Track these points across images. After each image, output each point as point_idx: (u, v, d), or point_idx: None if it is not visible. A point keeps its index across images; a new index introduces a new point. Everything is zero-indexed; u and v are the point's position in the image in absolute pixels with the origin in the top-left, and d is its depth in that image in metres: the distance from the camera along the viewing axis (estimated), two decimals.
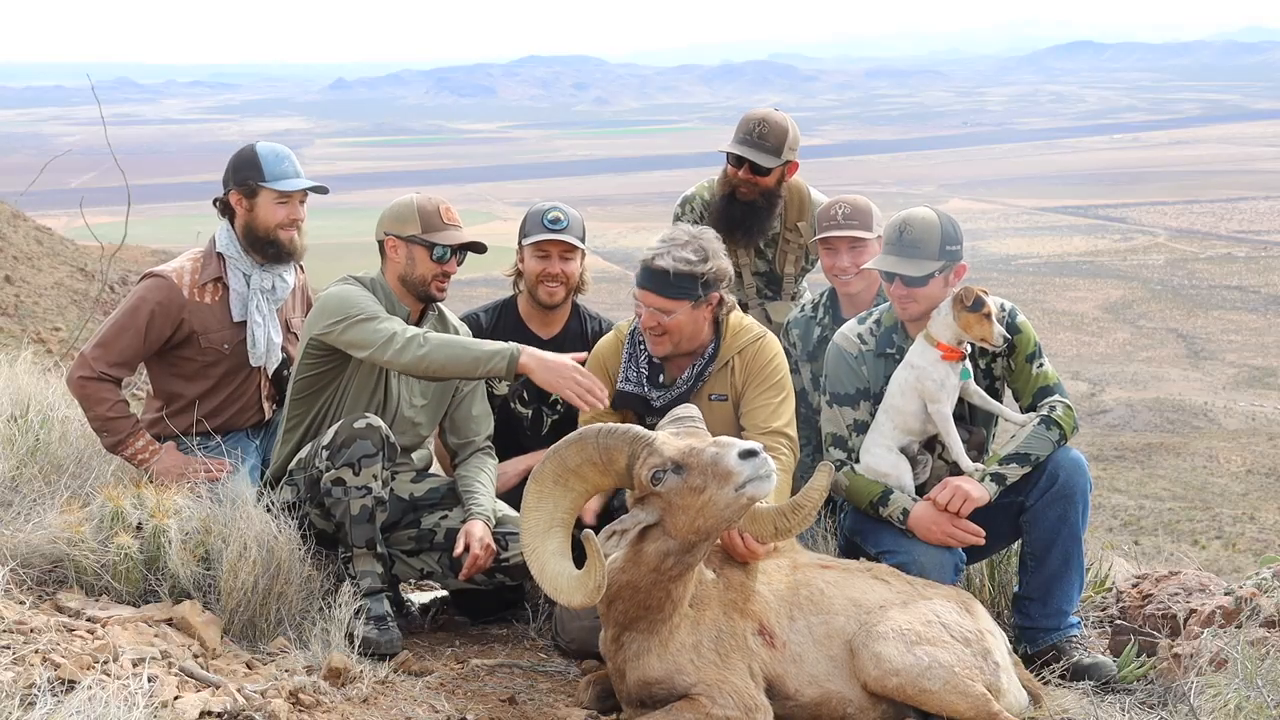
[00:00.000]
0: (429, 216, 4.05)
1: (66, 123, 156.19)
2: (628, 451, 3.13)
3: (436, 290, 4.08)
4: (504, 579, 4.10)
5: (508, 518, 4.11)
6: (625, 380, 4.08)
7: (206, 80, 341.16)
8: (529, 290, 4.56)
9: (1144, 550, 10.10)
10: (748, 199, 4.91)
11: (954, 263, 3.89)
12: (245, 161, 4.35)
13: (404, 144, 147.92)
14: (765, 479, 3.03)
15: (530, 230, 4.50)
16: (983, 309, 3.79)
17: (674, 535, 3.12)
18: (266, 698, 2.98)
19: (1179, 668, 3.61)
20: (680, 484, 3.08)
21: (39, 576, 3.51)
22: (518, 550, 3.98)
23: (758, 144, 4.85)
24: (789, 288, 5.17)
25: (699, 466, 3.07)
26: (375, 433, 3.79)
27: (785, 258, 5.13)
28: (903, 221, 3.89)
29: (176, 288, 4.27)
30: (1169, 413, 34.81)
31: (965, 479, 3.79)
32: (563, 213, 4.47)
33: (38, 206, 24.48)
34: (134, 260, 19.77)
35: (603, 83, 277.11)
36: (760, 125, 4.86)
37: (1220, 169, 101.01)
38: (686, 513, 3.08)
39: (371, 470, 3.78)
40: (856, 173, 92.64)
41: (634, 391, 4.05)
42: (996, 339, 3.81)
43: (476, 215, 63.35)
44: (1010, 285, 54.09)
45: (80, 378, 4.17)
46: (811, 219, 5.04)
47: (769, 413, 3.92)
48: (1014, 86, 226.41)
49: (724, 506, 3.06)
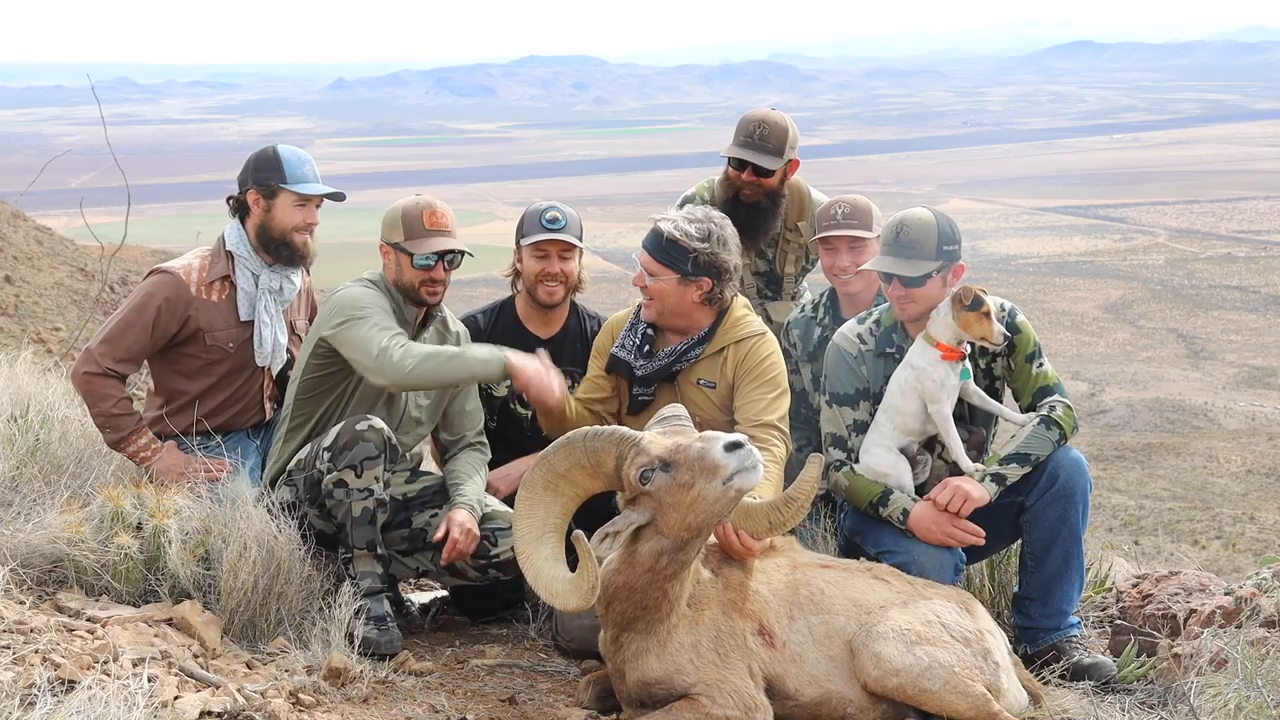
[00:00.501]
0: (412, 223, 4.05)
1: (66, 123, 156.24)
2: (615, 453, 3.14)
3: (427, 295, 4.09)
4: (497, 574, 4.10)
5: (496, 513, 4.12)
6: (620, 346, 4.13)
7: (206, 80, 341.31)
8: (528, 290, 4.56)
9: (1144, 550, 10.10)
10: (752, 200, 4.91)
11: (952, 263, 3.89)
12: (267, 162, 4.35)
13: (404, 144, 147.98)
14: (752, 470, 3.03)
15: (528, 230, 4.50)
16: (981, 307, 3.79)
17: (667, 534, 3.13)
18: (266, 698, 2.98)
19: (1179, 668, 3.61)
20: (669, 481, 3.09)
21: (39, 576, 3.51)
22: (507, 545, 4.01)
23: (759, 146, 4.84)
24: (789, 288, 5.17)
25: (686, 462, 3.07)
26: (378, 434, 3.79)
27: (785, 257, 5.13)
28: (899, 222, 3.89)
29: (184, 284, 4.26)
30: (1169, 413, 34.81)
31: (965, 479, 3.79)
32: (560, 212, 4.47)
33: (38, 206, 24.49)
34: (134, 260, 19.77)
35: (603, 83, 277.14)
36: (760, 127, 4.85)
37: (1220, 169, 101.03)
38: (677, 510, 3.09)
39: (373, 472, 3.78)
40: (856, 173, 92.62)
41: (622, 357, 4.11)
42: (996, 337, 3.81)
43: (476, 215, 63.29)
44: (1010, 285, 54.10)
45: (85, 373, 4.16)
46: (812, 218, 5.04)
47: (762, 406, 3.93)
48: (1014, 86, 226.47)
49: (714, 500, 3.07)
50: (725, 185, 4.98)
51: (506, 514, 4.12)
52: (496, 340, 4.52)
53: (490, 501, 4.17)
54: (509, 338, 4.55)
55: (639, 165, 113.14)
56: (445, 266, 4.09)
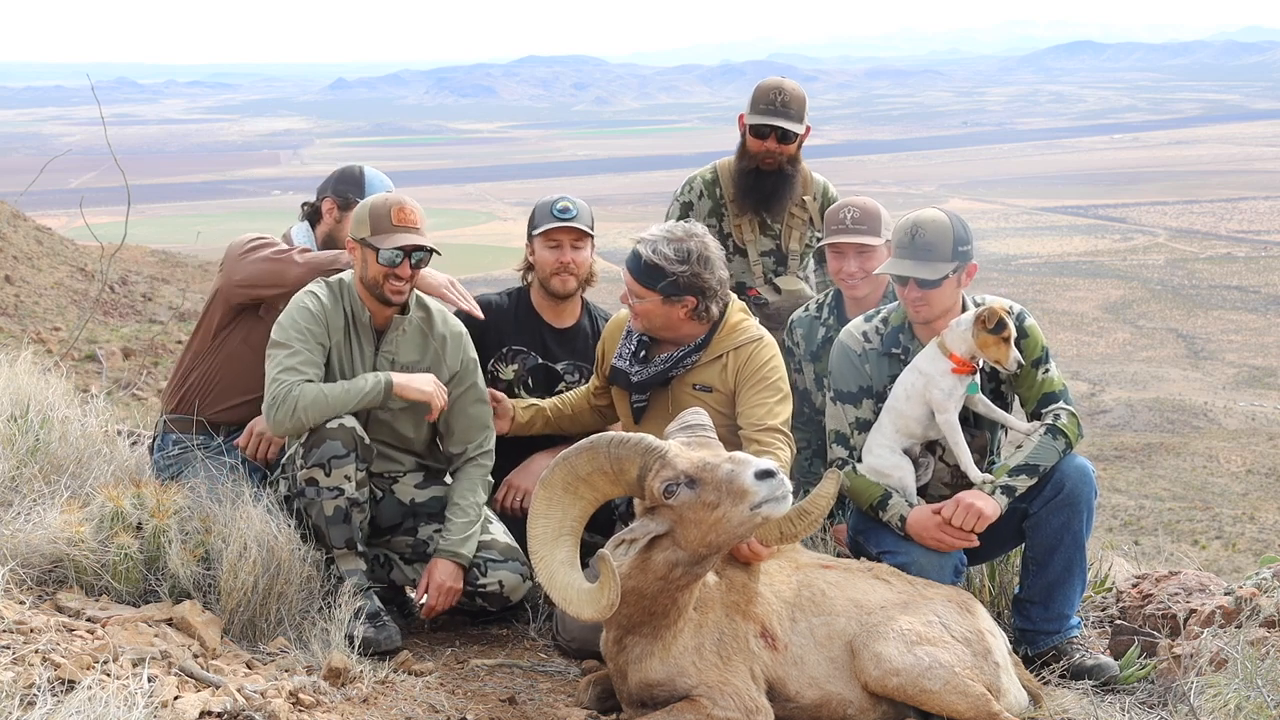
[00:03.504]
0: (379, 219, 3.95)
1: (66, 123, 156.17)
2: (640, 462, 3.11)
3: (390, 294, 3.97)
4: (484, 604, 4.09)
5: (494, 542, 4.09)
6: (618, 356, 4.12)
7: (206, 80, 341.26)
8: (541, 283, 4.57)
9: (1144, 550, 10.08)
10: (773, 168, 4.96)
11: (965, 263, 3.86)
12: (350, 178, 4.55)
13: (404, 144, 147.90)
14: (781, 500, 3.01)
15: (540, 221, 4.51)
16: (1003, 332, 3.76)
17: (684, 547, 3.10)
18: (266, 698, 2.98)
19: (1179, 668, 3.60)
20: (693, 498, 3.06)
21: (39, 576, 3.51)
22: (496, 579, 4.02)
23: (781, 111, 4.90)
24: (794, 265, 5.16)
25: (714, 482, 3.04)
26: (347, 433, 3.78)
27: (791, 234, 5.14)
28: (914, 225, 3.84)
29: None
30: (1169, 413, 34.79)
31: (975, 493, 3.75)
32: (571, 202, 4.49)
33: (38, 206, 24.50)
34: (134, 260, 19.79)
35: (603, 83, 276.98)
36: (780, 93, 4.91)
37: (1220, 169, 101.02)
38: (699, 527, 3.06)
39: (343, 471, 3.77)
40: (856, 173, 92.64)
41: (619, 367, 4.11)
42: (1011, 364, 3.78)
43: (477, 215, 63.27)
44: (1010, 285, 54.08)
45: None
46: (816, 193, 5.13)
47: (765, 411, 3.91)
48: (1014, 86, 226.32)
49: (737, 524, 3.05)
50: (744, 157, 5.02)
51: (504, 546, 4.12)
52: (511, 324, 4.57)
53: (494, 530, 4.16)
54: (526, 324, 4.61)
55: (639, 165, 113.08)
56: (411, 265, 3.97)
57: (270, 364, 3.87)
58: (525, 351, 4.60)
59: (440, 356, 4.12)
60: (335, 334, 3.99)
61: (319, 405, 3.78)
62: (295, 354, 3.85)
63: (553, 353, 4.62)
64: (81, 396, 4.71)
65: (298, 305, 3.97)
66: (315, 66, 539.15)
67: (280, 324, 3.94)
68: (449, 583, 3.95)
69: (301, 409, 3.76)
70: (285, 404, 3.76)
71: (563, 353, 4.62)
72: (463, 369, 4.16)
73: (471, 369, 4.18)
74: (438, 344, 4.14)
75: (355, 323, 4.03)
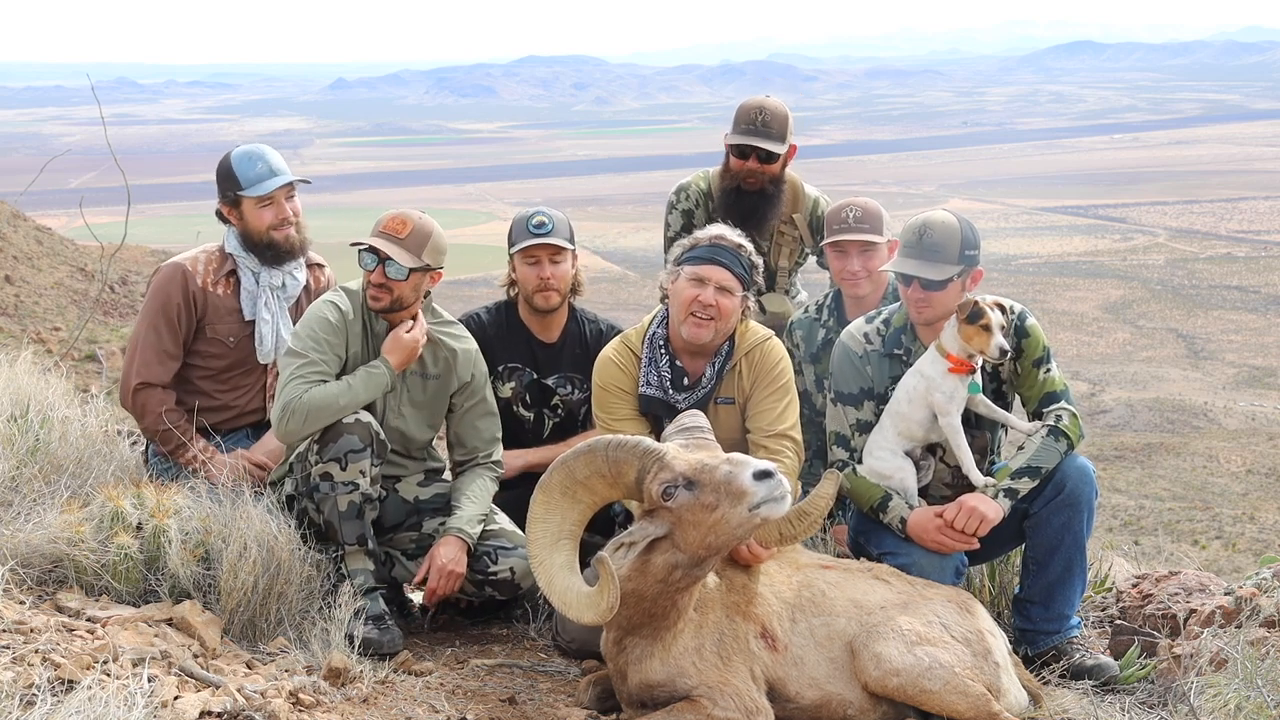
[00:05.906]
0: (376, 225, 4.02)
1: (66, 123, 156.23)
2: (638, 465, 3.10)
3: (372, 301, 3.98)
4: (493, 593, 4.09)
5: (502, 531, 4.10)
6: (647, 384, 3.97)
7: (206, 80, 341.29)
8: (525, 298, 4.56)
9: (1144, 550, 10.09)
10: (755, 188, 4.92)
11: (972, 267, 3.85)
12: (223, 173, 4.43)
13: (404, 144, 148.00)
14: (779, 500, 3.00)
15: (517, 238, 4.50)
16: (980, 320, 3.73)
17: (683, 549, 3.10)
18: (266, 698, 2.98)
19: (1179, 668, 3.60)
20: (692, 500, 3.05)
21: (39, 576, 3.51)
22: (507, 566, 4.00)
23: (762, 132, 4.86)
24: (783, 282, 5.16)
25: (712, 484, 3.04)
26: (364, 428, 3.78)
27: (780, 251, 5.13)
28: (923, 225, 3.83)
29: (191, 274, 4.35)
30: (1169, 413, 34.80)
31: (978, 496, 3.74)
32: (546, 216, 4.45)
33: (38, 206, 24.51)
34: (134, 260, 19.79)
35: (602, 83, 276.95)
36: (761, 113, 4.88)
37: (1220, 169, 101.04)
38: (698, 529, 3.06)
39: (359, 466, 3.77)
40: (856, 173, 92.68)
41: (656, 396, 3.95)
42: (993, 352, 3.75)
43: (477, 215, 63.26)
44: (1010, 285, 54.05)
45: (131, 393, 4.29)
46: (806, 211, 5.06)
47: (774, 416, 3.90)
48: (1014, 86, 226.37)
49: (736, 525, 3.04)
50: (726, 176, 4.98)
51: (512, 534, 4.11)
52: (501, 341, 4.54)
53: (500, 519, 4.15)
54: (514, 338, 4.58)
55: (639, 165, 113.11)
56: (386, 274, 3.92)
57: (282, 373, 3.88)
58: (520, 368, 4.59)
59: (451, 366, 4.15)
60: (354, 343, 4.00)
61: (328, 407, 3.79)
62: (310, 364, 3.86)
63: (543, 367, 4.61)
64: (81, 396, 4.71)
65: (317, 315, 3.97)
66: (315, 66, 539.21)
67: (297, 333, 3.96)
68: (451, 565, 3.92)
69: (312, 414, 3.77)
70: (296, 414, 3.77)
71: (552, 367, 4.61)
72: (473, 381, 4.18)
73: (481, 383, 4.21)
74: (448, 354, 4.15)
75: (371, 333, 4.05)
